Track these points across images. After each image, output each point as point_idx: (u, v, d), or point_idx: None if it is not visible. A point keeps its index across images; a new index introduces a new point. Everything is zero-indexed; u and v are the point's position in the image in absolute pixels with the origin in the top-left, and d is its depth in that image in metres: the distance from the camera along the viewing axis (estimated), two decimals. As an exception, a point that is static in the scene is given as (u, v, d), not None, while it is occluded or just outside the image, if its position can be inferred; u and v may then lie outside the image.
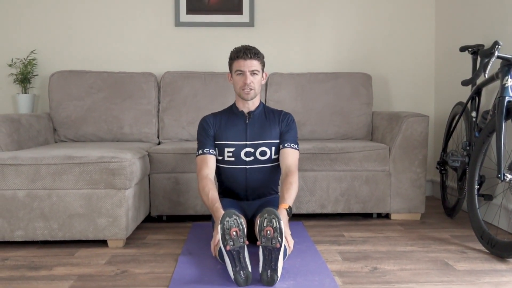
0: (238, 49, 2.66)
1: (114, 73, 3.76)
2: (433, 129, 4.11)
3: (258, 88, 2.66)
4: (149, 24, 4.02)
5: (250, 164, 2.65)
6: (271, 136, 2.66)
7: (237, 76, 2.62)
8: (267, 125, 2.68)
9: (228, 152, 2.64)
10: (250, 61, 2.60)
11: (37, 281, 2.17)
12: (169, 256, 2.52)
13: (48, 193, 2.63)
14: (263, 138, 2.65)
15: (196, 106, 3.70)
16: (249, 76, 2.59)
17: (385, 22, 4.12)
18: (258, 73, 2.62)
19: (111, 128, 3.66)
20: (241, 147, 2.63)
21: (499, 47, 2.63)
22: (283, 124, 2.69)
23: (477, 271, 2.28)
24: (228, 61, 2.70)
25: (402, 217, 3.30)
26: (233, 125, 2.67)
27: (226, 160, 2.65)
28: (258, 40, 4.02)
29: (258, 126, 2.67)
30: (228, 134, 2.66)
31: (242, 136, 2.65)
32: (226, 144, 2.64)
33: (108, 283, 2.15)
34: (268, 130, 2.67)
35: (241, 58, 2.60)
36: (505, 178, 2.41)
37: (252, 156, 2.64)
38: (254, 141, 2.65)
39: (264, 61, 2.68)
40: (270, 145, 2.66)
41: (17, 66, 3.86)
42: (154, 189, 3.19)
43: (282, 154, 2.63)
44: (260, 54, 2.65)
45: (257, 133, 2.66)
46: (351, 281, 2.15)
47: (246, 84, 2.59)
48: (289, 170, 2.57)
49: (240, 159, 2.64)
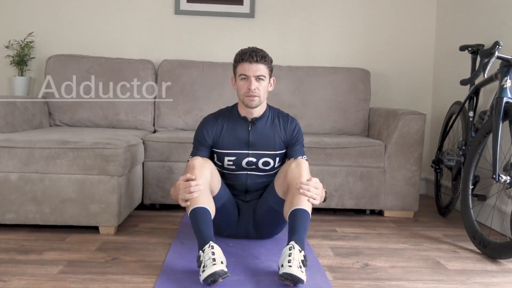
0: (243, 51, 2.40)
1: (112, 59, 3.73)
2: (430, 128, 4.11)
3: (264, 95, 2.42)
4: (149, 10, 3.99)
5: (251, 171, 2.52)
6: (275, 147, 2.48)
7: (241, 80, 2.39)
8: (271, 136, 2.48)
9: (228, 160, 2.49)
10: (256, 65, 2.35)
11: (26, 265, 2.16)
12: (160, 245, 2.52)
13: (41, 177, 2.61)
14: (267, 149, 2.48)
15: (193, 96, 3.68)
16: (254, 82, 2.35)
17: (386, 18, 4.10)
18: (264, 78, 2.38)
19: (107, 114, 3.63)
20: (243, 156, 2.47)
21: (499, 48, 2.62)
22: (288, 134, 2.51)
23: (468, 271, 2.28)
24: (233, 63, 2.46)
25: (395, 215, 3.30)
26: (234, 132, 2.47)
27: (226, 167, 2.52)
28: (257, 31, 4.01)
29: (262, 136, 2.48)
30: (228, 142, 2.47)
31: (243, 145, 2.46)
32: (227, 153, 2.47)
33: (98, 270, 2.14)
34: (272, 141, 2.48)
35: (246, 61, 2.35)
36: (500, 179, 2.41)
37: (253, 165, 2.49)
38: (257, 151, 2.47)
39: (272, 66, 2.43)
40: (274, 156, 2.49)
41: (14, 48, 3.82)
42: (147, 177, 3.18)
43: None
44: (268, 58, 2.40)
45: (260, 143, 2.47)
46: (342, 277, 2.15)
47: (250, 90, 2.35)
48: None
49: (241, 167, 2.50)
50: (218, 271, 1.95)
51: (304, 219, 2.18)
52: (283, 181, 2.35)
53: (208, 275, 1.94)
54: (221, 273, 1.95)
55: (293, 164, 2.32)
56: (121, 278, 2.06)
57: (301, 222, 2.17)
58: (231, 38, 4.02)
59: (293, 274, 1.93)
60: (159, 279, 2.04)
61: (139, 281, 2.03)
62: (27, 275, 2.05)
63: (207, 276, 1.94)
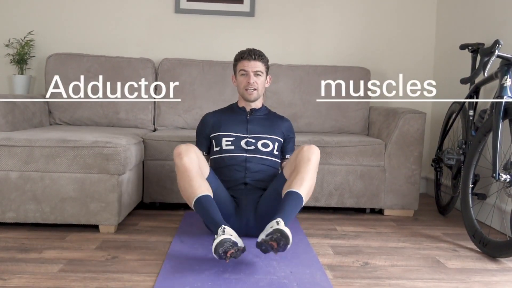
0: (242, 51, 2.69)
1: (112, 58, 3.73)
2: (430, 126, 4.11)
3: (262, 90, 2.71)
4: (149, 9, 3.99)
5: (250, 153, 2.65)
6: (274, 133, 2.72)
7: (241, 76, 2.67)
8: (268, 125, 2.73)
9: (226, 141, 2.65)
10: (254, 62, 2.65)
11: (26, 264, 2.16)
12: (160, 244, 2.52)
13: (41, 176, 2.61)
14: (266, 133, 2.70)
15: (193, 94, 3.68)
16: (253, 76, 2.64)
17: (386, 17, 4.10)
18: (261, 74, 2.67)
19: (107, 113, 3.64)
20: (241, 137, 2.67)
21: (499, 46, 2.62)
22: (285, 129, 2.78)
23: (468, 270, 2.28)
24: (233, 63, 2.73)
25: (395, 213, 3.30)
26: (234, 119, 2.72)
27: (225, 149, 2.65)
28: (257, 30, 4.01)
29: (260, 124, 2.72)
30: (227, 126, 2.69)
31: (242, 129, 2.69)
32: (225, 135, 2.66)
33: (98, 268, 2.14)
34: (270, 128, 2.72)
35: (245, 59, 2.65)
36: (500, 178, 2.41)
37: (252, 146, 2.65)
38: (256, 134, 2.69)
39: (268, 65, 2.73)
40: (274, 140, 2.70)
41: (14, 47, 3.82)
42: (148, 176, 3.18)
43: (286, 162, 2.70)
44: (265, 57, 2.70)
45: (258, 129, 2.70)
46: (342, 275, 2.15)
47: (249, 84, 2.64)
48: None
49: (240, 148, 2.65)
50: (227, 239, 2.02)
51: (296, 202, 2.31)
52: (293, 160, 2.50)
53: (218, 243, 2.01)
54: (231, 242, 2.02)
55: (305, 147, 2.47)
56: (121, 276, 2.06)
57: (292, 204, 2.30)
58: (231, 37, 4.01)
59: (281, 229, 2.04)
60: (159, 278, 2.03)
61: (139, 279, 2.03)
62: (27, 274, 2.05)
63: (217, 244, 2.01)
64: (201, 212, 2.33)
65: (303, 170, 2.39)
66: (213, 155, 2.71)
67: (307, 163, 2.40)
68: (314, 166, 2.43)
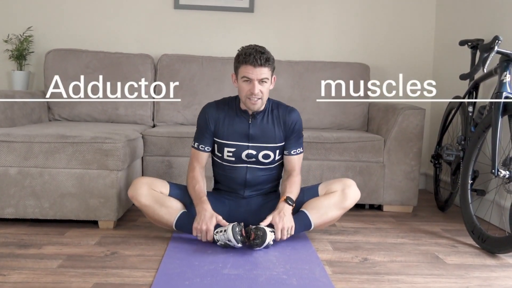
0: (247, 52, 2.33)
1: (111, 53, 3.72)
2: (429, 122, 4.10)
3: (266, 97, 2.43)
4: (148, 5, 3.98)
5: (251, 164, 2.53)
6: (275, 140, 2.51)
7: (244, 82, 2.37)
8: (271, 129, 2.50)
9: (228, 152, 2.51)
10: (260, 69, 2.32)
11: (25, 259, 2.16)
12: (159, 239, 2.52)
13: (40, 172, 2.61)
14: (267, 142, 2.50)
15: (193, 90, 3.67)
16: (257, 85, 2.34)
17: (386, 13, 4.09)
18: (267, 81, 2.37)
19: (106, 109, 3.63)
20: (243, 148, 2.49)
21: (499, 42, 2.62)
22: (286, 127, 2.53)
23: (467, 266, 2.29)
24: (234, 62, 2.42)
25: (394, 209, 3.30)
26: (235, 124, 2.49)
27: (226, 158, 2.53)
28: (257, 26, 4.00)
29: (262, 129, 2.50)
30: (228, 133, 2.49)
31: (243, 137, 2.49)
32: (227, 144, 2.50)
33: (97, 264, 2.14)
34: (272, 134, 2.50)
35: (250, 64, 2.31)
36: (499, 174, 2.41)
37: (253, 158, 2.51)
38: (257, 143, 2.49)
39: (274, 65, 2.42)
40: (274, 149, 2.53)
41: (13, 43, 3.81)
42: (147, 172, 3.18)
43: (287, 159, 2.58)
44: (271, 59, 2.38)
45: (260, 136, 2.49)
46: (341, 271, 2.16)
47: (253, 94, 2.35)
48: (293, 170, 2.58)
49: (241, 160, 2.52)
50: (235, 224, 2.29)
51: (304, 225, 2.49)
52: (333, 186, 2.57)
53: (231, 230, 2.27)
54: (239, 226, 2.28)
55: (353, 192, 2.53)
56: (120, 272, 2.06)
57: (300, 223, 2.46)
58: (230, 33, 4.01)
59: (267, 233, 2.27)
60: (158, 273, 2.04)
61: (138, 275, 2.03)
62: (27, 269, 2.05)
63: (231, 231, 2.27)
64: (187, 231, 2.44)
65: (331, 214, 2.52)
66: (215, 156, 2.61)
67: (340, 210, 2.53)
68: (345, 211, 2.55)
